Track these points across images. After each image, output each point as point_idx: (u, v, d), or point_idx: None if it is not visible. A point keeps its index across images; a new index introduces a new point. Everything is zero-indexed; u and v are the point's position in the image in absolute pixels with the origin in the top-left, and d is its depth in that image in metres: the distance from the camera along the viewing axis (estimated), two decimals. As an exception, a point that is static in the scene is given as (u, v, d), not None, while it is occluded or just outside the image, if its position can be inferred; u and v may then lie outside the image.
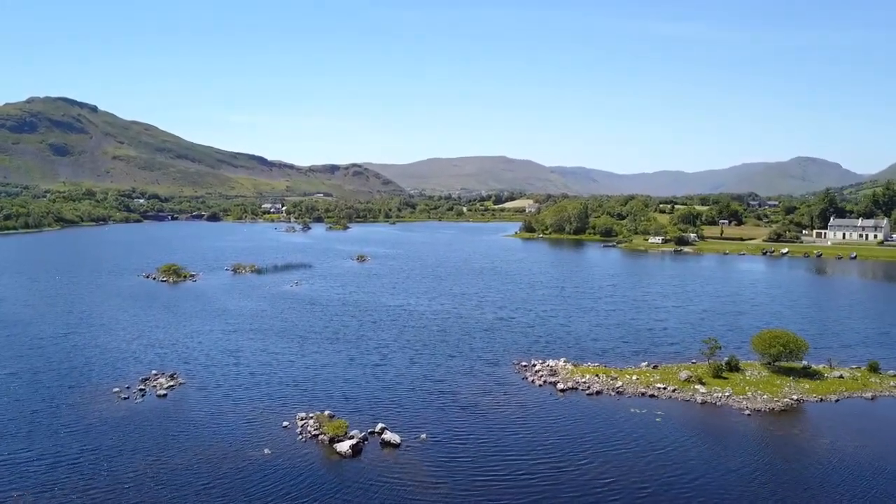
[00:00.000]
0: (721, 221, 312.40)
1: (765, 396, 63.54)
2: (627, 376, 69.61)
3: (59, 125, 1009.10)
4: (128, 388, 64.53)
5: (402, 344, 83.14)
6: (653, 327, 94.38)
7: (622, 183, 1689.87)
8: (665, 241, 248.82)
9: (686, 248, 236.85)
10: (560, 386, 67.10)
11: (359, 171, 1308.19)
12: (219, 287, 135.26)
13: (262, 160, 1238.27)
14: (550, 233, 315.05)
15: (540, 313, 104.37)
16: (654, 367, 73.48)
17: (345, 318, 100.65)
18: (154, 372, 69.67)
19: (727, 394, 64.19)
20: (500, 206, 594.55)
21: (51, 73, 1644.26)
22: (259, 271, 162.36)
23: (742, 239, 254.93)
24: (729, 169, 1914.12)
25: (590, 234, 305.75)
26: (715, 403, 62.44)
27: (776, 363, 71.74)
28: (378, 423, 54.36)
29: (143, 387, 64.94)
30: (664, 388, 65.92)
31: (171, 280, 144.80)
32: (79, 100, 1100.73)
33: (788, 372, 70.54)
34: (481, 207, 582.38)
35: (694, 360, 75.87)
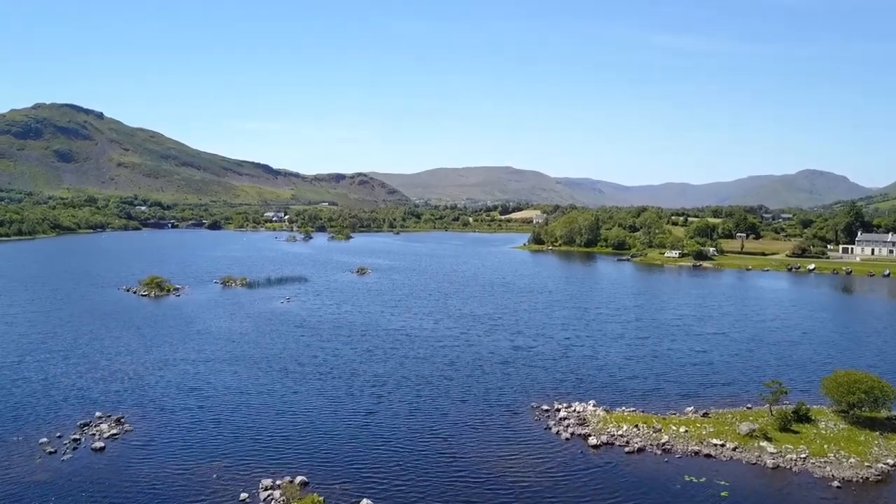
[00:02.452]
0: (738, 235, 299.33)
1: (852, 460, 50.66)
2: (673, 427, 56.91)
3: (64, 131, 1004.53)
4: (59, 437, 52.32)
5: (400, 381, 70.50)
6: (694, 360, 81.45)
7: (628, 194, 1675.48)
8: (682, 256, 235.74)
9: (705, 263, 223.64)
10: (592, 440, 54.48)
11: (364, 181, 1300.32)
12: (203, 303, 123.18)
13: (267, 168, 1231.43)
14: (560, 245, 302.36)
15: (562, 341, 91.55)
16: (705, 414, 60.71)
17: (337, 344, 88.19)
18: (98, 415, 57.48)
19: (803, 454, 51.44)
20: (507, 216, 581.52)
21: (58, 79, 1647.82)
22: (250, 285, 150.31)
23: (764, 254, 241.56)
24: (735, 181, 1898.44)
25: (601, 246, 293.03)
26: (790, 468, 49.68)
27: (853, 411, 58.92)
28: (363, 498, 41.97)
29: (78, 436, 52.68)
30: (722, 446, 53.19)
31: (152, 294, 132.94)
32: (85, 106, 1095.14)
33: (871, 424, 57.62)
34: (487, 218, 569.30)
35: (750, 405, 63.21)
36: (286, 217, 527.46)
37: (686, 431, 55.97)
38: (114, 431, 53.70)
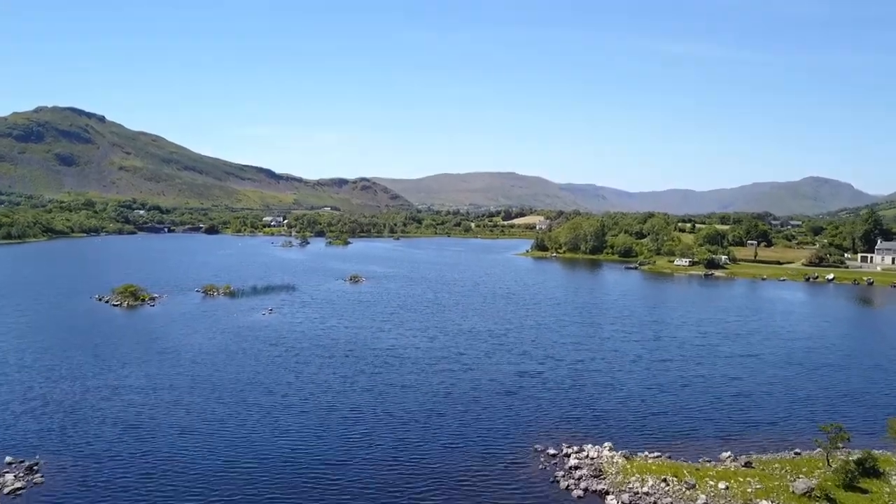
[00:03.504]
0: (749, 242, 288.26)
1: (945, 534, 40.09)
2: (710, 481, 46.35)
3: (66, 135, 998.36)
4: (-51, 495, 41.91)
5: (383, 416, 59.95)
6: (727, 389, 70.66)
7: (632, 201, 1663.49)
8: (693, 264, 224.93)
9: (717, 272, 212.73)
10: (611, 501, 44.02)
11: (367, 186, 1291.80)
12: (177, 315, 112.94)
13: (269, 173, 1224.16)
14: (565, 252, 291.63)
15: (573, 365, 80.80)
16: (747, 463, 50.08)
17: (314, 367, 77.75)
18: (8, 460, 47.16)
19: (879, 524, 40.89)
20: (510, 222, 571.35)
21: (60, 83, 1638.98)
22: (233, 294, 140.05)
23: (779, 262, 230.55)
24: (739, 188, 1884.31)
25: (607, 253, 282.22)
26: (866, 545, 39.16)
27: (928, 462, 48.28)
28: None
29: (-26, 492, 42.29)
30: (776, 511, 42.66)
31: (125, 304, 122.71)
32: (87, 110, 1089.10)
33: (955, 479, 46.99)
34: (490, 223, 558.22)
35: (798, 450, 52.67)
36: (285, 222, 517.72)
37: (727, 488, 45.41)
38: (18, 485, 43.34)
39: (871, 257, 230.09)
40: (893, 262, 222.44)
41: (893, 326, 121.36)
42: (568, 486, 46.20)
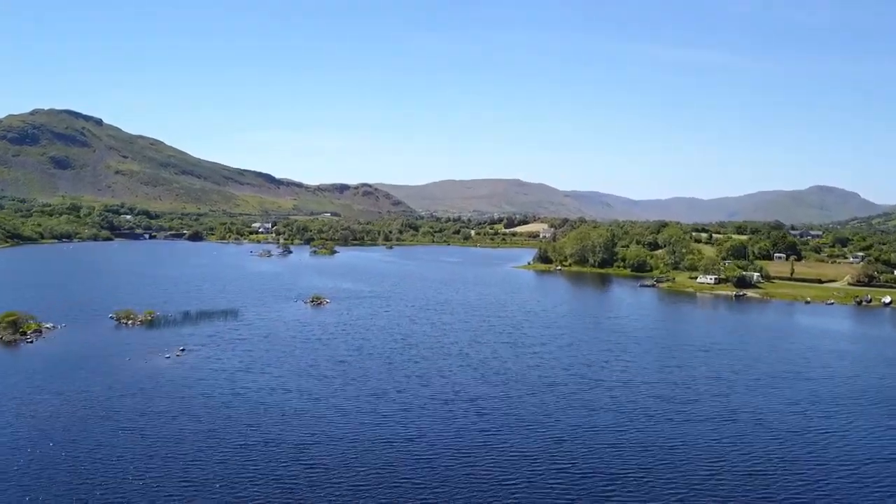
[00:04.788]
0: (777, 255, 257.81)
1: None
2: None
3: (61, 138, 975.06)
4: None
5: None
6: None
7: (637, 209, 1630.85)
8: (719, 281, 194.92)
9: (749, 292, 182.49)
10: None
11: (368, 191, 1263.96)
12: (56, 355, 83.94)
13: (269, 178, 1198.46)
14: (571, 264, 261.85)
15: (608, 454, 50.95)
16: None
17: (179, 464, 48.23)
18: None
19: None
20: (512, 230, 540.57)
21: (57, 85, 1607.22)
22: (152, 323, 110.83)
23: (820, 281, 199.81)
24: (744, 196, 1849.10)
25: (618, 266, 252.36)
26: None
27: None
28: None
29: None
30: None
31: (2, 338, 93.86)
32: (85, 112, 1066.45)
33: None
34: (491, 231, 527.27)
35: None
36: (273, 228, 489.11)
37: None
38: None
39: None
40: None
41: None
42: None
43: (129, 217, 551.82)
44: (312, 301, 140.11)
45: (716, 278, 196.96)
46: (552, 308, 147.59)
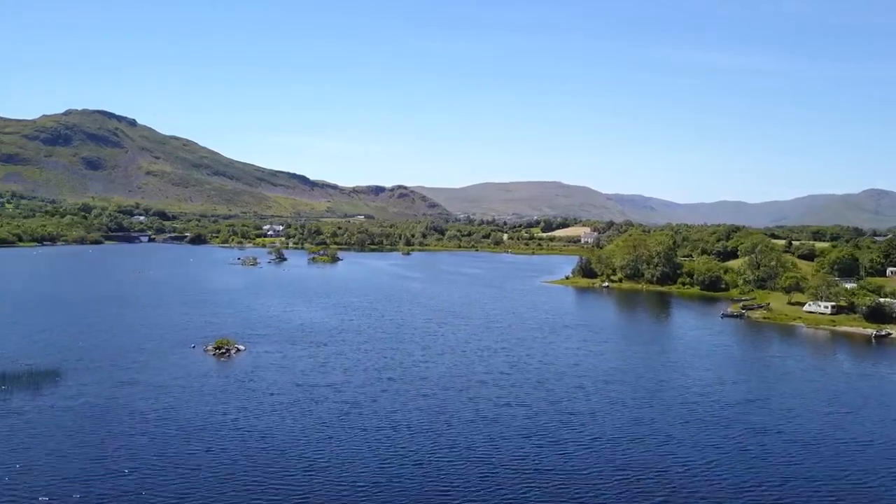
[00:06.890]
0: (890, 270, 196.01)
1: None
2: None
3: (94, 138, 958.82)
4: None
5: None
6: None
7: (681, 212, 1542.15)
8: (838, 311, 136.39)
9: (892, 330, 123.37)
10: None
11: (404, 194, 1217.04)
12: None
13: (303, 179, 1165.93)
14: (621, 279, 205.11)
15: None
16: None
17: None
18: None
19: None
20: (550, 234, 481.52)
21: (91, 86, 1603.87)
22: None
23: None
24: (794, 200, 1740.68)
25: (682, 283, 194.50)
26: None
27: None
28: None
29: None
30: None
31: None
32: (118, 113, 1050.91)
33: None
34: (525, 235, 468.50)
35: None
36: (283, 231, 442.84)
37: None
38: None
39: None
40: None
41: None
42: None
43: (142, 219, 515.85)
44: (216, 350, 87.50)
45: (833, 305, 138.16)
46: (598, 364, 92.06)
